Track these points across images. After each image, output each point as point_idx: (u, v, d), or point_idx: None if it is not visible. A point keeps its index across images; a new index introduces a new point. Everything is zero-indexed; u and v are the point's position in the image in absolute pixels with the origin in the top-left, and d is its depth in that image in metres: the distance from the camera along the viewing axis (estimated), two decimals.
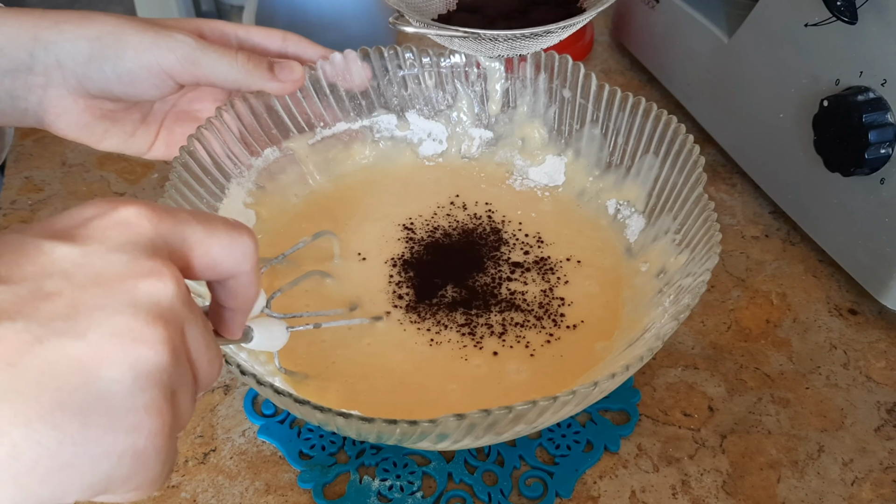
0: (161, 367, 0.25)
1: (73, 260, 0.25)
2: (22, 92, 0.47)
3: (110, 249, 0.26)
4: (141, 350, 0.24)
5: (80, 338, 0.23)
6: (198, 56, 0.48)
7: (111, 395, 0.24)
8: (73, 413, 0.23)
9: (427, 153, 0.60)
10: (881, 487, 0.45)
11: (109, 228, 0.26)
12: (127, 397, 0.24)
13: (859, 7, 0.48)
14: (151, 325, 0.25)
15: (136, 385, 0.24)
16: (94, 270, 0.25)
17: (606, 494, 0.45)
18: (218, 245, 0.29)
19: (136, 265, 0.26)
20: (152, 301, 0.25)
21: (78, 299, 0.24)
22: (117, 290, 0.25)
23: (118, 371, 0.24)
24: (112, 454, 0.24)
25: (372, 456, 0.46)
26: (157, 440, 0.25)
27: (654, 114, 0.51)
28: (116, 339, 0.24)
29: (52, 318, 0.23)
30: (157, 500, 0.44)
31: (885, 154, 0.49)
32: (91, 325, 0.24)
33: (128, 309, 0.24)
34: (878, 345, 0.53)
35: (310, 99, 0.56)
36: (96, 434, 0.23)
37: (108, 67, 0.47)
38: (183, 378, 0.26)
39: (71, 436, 0.23)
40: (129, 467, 0.24)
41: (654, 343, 0.38)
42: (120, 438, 0.24)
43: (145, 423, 0.24)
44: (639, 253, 0.51)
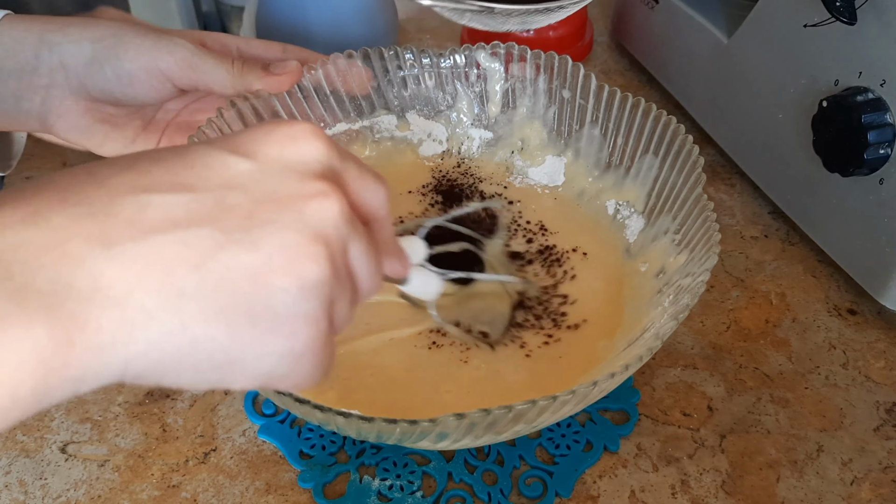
0: (322, 281, 0.27)
1: (251, 176, 0.27)
2: (26, 93, 0.48)
3: (284, 168, 0.28)
4: (306, 265, 0.26)
5: (254, 249, 0.26)
6: (196, 60, 0.49)
7: (277, 302, 0.26)
8: (245, 316, 0.26)
9: (427, 153, 0.60)
10: (880, 487, 0.45)
11: (286, 146, 0.29)
12: (291, 305, 0.26)
13: (858, 8, 0.48)
14: (316, 243, 0.27)
15: (300, 295, 0.26)
16: (269, 187, 0.27)
17: (606, 494, 0.45)
18: (365, 185, 0.31)
19: (306, 185, 0.28)
20: (318, 220, 0.27)
21: (254, 213, 0.26)
22: (288, 207, 0.27)
23: (285, 281, 0.26)
24: (274, 354, 0.27)
25: (372, 455, 0.46)
26: (314, 344, 0.27)
27: (654, 114, 0.52)
28: (285, 253, 0.26)
29: (233, 228, 0.26)
30: (157, 499, 0.44)
31: (885, 154, 0.49)
32: (264, 237, 0.26)
33: (297, 225, 0.27)
34: (878, 345, 0.53)
35: (310, 100, 0.56)
36: (262, 336, 0.26)
37: (108, 68, 0.48)
38: (342, 291, 0.29)
39: (241, 335, 0.26)
40: (288, 366, 0.27)
41: (654, 343, 0.38)
42: (281, 341, 0.27)
43: (304, 330, 0.27)
44: (638, 253, 0.52)
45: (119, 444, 0.47)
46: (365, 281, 0.30)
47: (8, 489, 0.45)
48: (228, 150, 0.28)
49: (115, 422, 0.48)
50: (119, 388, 0.50)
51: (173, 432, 0.48)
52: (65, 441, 0.47)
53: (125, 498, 0.45)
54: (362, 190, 0.31)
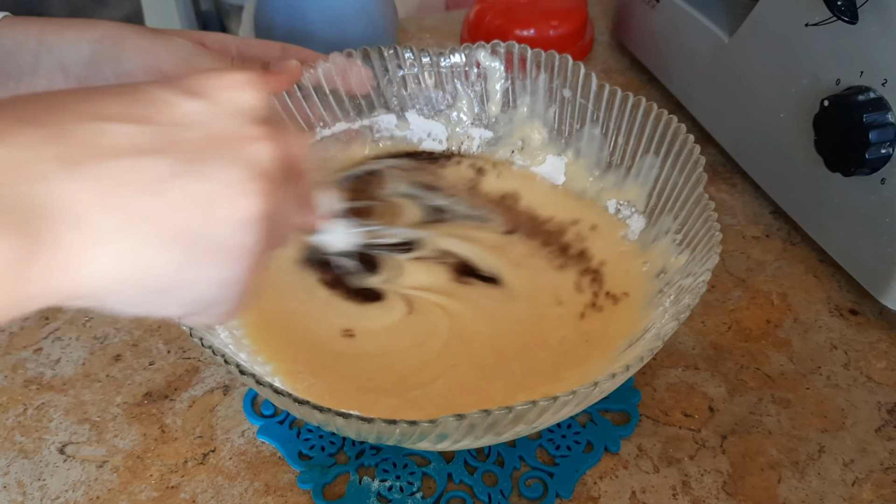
0: (260, 214, 0.28)
1: (200, 115, 0.29)
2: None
3: (232, 111, 0.30)
4: (248, 198, 0.28)
5: (206, 180, 0.27)
6: (195, 60, 0.49)
7: (218, 233, 0.28)
8: (190, 244, 0.27)
9: None
10: (882, 488, 0.45)
11: (228, 91, 0.30)
12: (230, 236, 0.28)
13: (860, 7, 0.48)
14: (258, 180, 0.28)
15: (240, 228, 0.28)
16: (219, 126, 0.29)
17: (607, 495, 0.45)
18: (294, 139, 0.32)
19: (252, 128, 0.30)
20: (259, 159, 0.29)
21: (205, 148, 0.28)
22: (236, 146, 0.29)
23: (228, 213, 0.28)
24: (210, 280, 0.28)
25: (372, 456, 0.46)
26: (244, 275, 0.29)
27: (655, 114, 0.51)
28: (230, 186, 0.28)
29: (187, 160, 0.27)
30: (156, 500, 0.44)
31: (886, 154, 0.49)
32: (214, 170, 0.28)
33: (241, 162, 0.28)
34: (879, 345, 0.53)
35: (309, 99, 0.56)
36: (203, 263, 0.28)
37: (107, 69, 0.48)
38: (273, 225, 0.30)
39: (185, 262, 0.27)
40: (217, 293, 0.29)
41: (655, 343, 0.38)
42: (216, 269, 0.28)
43: (238, 261, 0.29)
44: (639, 253, 0.51)
45: (118, 444, 0.47)
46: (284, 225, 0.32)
47: (6, 490, 0.45)
48: (176, 90, 0.29)
49: (113, 422, 0.48)
50: (118, 388, 0.50)
51: (172, 433, 0.48)
52: (63, 442, 0.47)
53: (124, 499, 0.44)
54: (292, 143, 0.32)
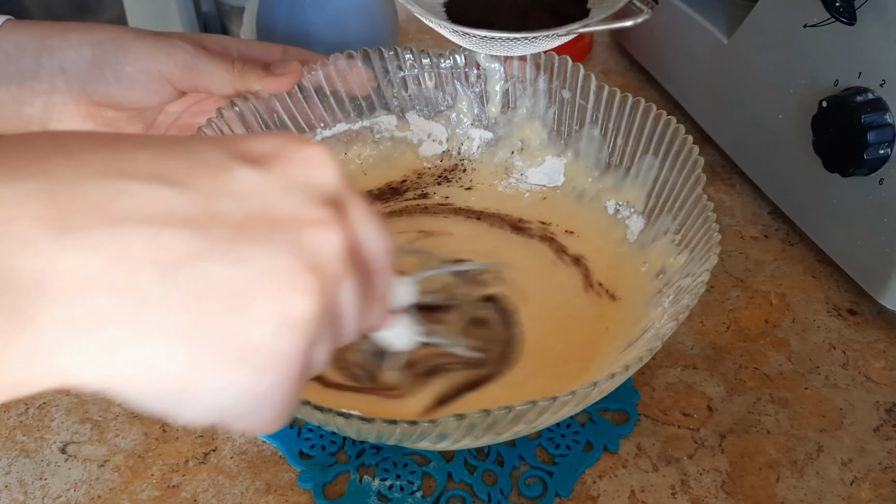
0: (309, 318, 0.23)
1: (251, 185, 0.24)
2: (28, 98, 0.48)
3: (289, 185, 0.25)
4: (294, 295, 0.23)
5: (238, 265, 0.22)
6: (196, 62, 0.49)
7: (251, 333, 0.23)
8: (211, 341, 0.22)
9: (427, 154, 0.60)
10: (880, 487, 0.45)
11: (295, 163, 0.25)
12: (267, 339, 0.23)
13: (858, 8, 0.48)
14: (310, 274, 0.23)
15: (280, 330, 0.23)
16: (268, 201, 0.24)
17: (606, 494, 0.45)
18: (370, 229, 0.27)
19: (311, 209, 0.24)
20: (317, 249, 0.24)
21: (246, 226, 0.23)
22: (286, 228, 0.24)
23: (267, 310, 0.23)
24: (233, 390, 0.23)
25: (372, 456, 0.46)
26: (282, 387, 0.24)
27: (654, 114, 0.52)
28: (273, 278, 0.23)
29: (217, 238, 0.22)
30: (157, 500, 0.44)
31: (884, 154, 0.49)
32: (251, 256, 0.23)
33: (291, 249, 0.23)
34: (877, 345, 0.53)
35: (310, 100, 0.56)
36: (225, 367, 0.22)
37: (108, 72, 0.48)
38: (326, 332, 0.25)
39: (202, 362, 0.22)
40: (245, 406, 0.23)
41: (654, 343, 0.38)
42: (246, 377, 0.23)
43: (275, 370, 0.23)
44: (638, 253, 0.52)
45: (119, 444, 0.47)
46: (349, 326, 0.27)
47: (8, 489, 0.45)
48: (231, 153, 0.25)
49: (115, 422, 0.48)
50: None
51: (173, 432, 0.48)
52: (65, 441, 0.47)
53: (125, 498, 0.45)
54: (366, 232, 0.27)
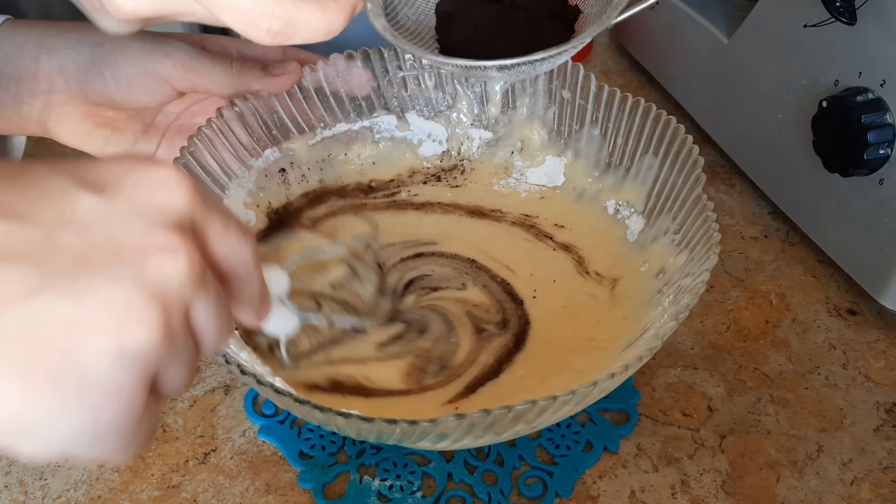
0: (149, 348, 0.24)
1: (94, 214, 0.24)
2: (27, 98, 0.48)
3: (134, 212, 0.25)
4: (132, 327, 0.23)
5: (75, 299, 0.22)
6: (195, 62, 0.49)
7: (89, 367, 0.23)
8: (47, 377, 0.22)
9: (427, 154, 0.60)
10: (880, 487, 0.45)
11: (142, 187, 0.25)
12: (104, 373, 0.23)
13: (858, 8, 0.48)
14: (150, 304, 0.23)
15: (117, 363, 0.23)
16: (111, 230, 0.24)
17: (606, 494, 0.45)
18: (228, 240, 0.28)
19: (155, 235, 0.24)
20: (159, 277, 0.24)
21: (85, 257, 0.23)
22: (128, 256, 0.24)
23: (103, 344, 0.23)
24: (73, 426, 0.23)
25: (372, 456, 0.46)
26: (121, 421, 0.24)
27: (654, 114, 0.52)
28: (111, 310, 0.23)
29: (55, 270, 0.22)
30: (157, 500, 0.44)
31: (884, 154, 0.49)
32: (90, 288, 0.23)
33: (132, 280, 0.23)
34: (877, 345, 0.53)
35: (310, 100, 0.56)
36: (62, 403, 0.22)
37: (107, 72, 0.48)
38: (176, 357, 0.25)
39: (38, 399, 0.22)
40: (87, 442, 0.24)
41: (654, 343, 0.38)
42: (84, 413, 0.23)
43: (113, 403, 0.23)
44: (638, 253, 0.52)
45: None
46: (209, 340, 0.27)
47: (8, 489, 0.45)
48: (74, 180, 0.24)
49: None
50: None
51: (173, 432, 0.48)
52: None
53: (125, 498, 0.45)
54: (224, 245, 0.27)
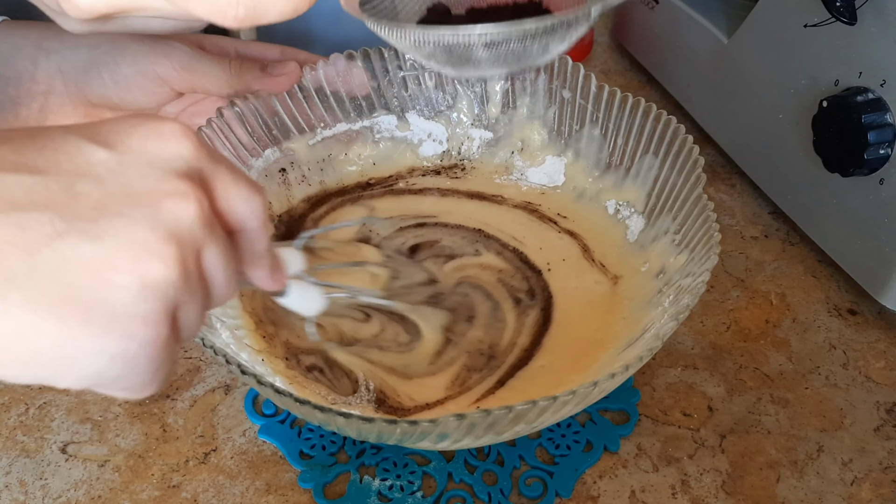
0: (168, 282, 0.25)
1: (107, 166, 0.26)
2: (25, 100, 0.48)
3: (145, 163, 0.27)
4: (152, 263, 0.25)
5: (97, 241, 0.24)
6: (193, 63, 0.49)
7: (114, 299, 0.25)
8: (78, 310, 0.24)
9: (427, 154, 0.60)
10: (880, 487, 0.45)
11: (150, 140, 0.27)
12: (129, 304, 0.25)
13: (858, 8, 0.48)
14: (167, 243, 0.25)
15: (140, 295, 0.25)
16: (125, 180, 0.26)
17: (606, 494, 0.45)
18: (237, 193, 0.29)
19: (165, 183, 0.26)
20: (173, 219, 0.26)
21: (103, 204, 0.25)
22: (143, 203, 0.26)
23: (126, 279, 0.25)
24: (105, 354, 0.25)
25: (372, 456, 0.46)
26: (149, 349, 0.26)
27: (654, 114, 0.52)
28: (131, 249, 0.25)
29: (76, 216, 0.24)
30: (157, 499, 0.44)
31: (885, 154, 0.49)
32: (110, 230, 0.25)
33: (148, 222, 0.25)
34: (878, 345, 0.53)
35: (310, 100, 0.56)
36: (95, 333, 0.24)
37: (105, 73, 0.48)
38: (191, 296, 0.27)
39: (72, 330, 0.24)
40: (119, 369, 0.25)
41: (654, 343, 0.38)
42: (115, 341, 0.25)
43: (140, 332, 0.25)
44: (638, 253, 0.52)
45: (119, 444, 0.47)
46: (218, 288, 0.29)
47: (8, 489, 0.45)
48: (86, 137, 0.27)
49: (115, 422, 0.48)
50: None
51: (173, 432, 0.48)
52: (65, 441, 0.47)
53: (125, 498, 0.45)
54: (232, 197, 0.29)
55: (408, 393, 0.46)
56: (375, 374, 0.46)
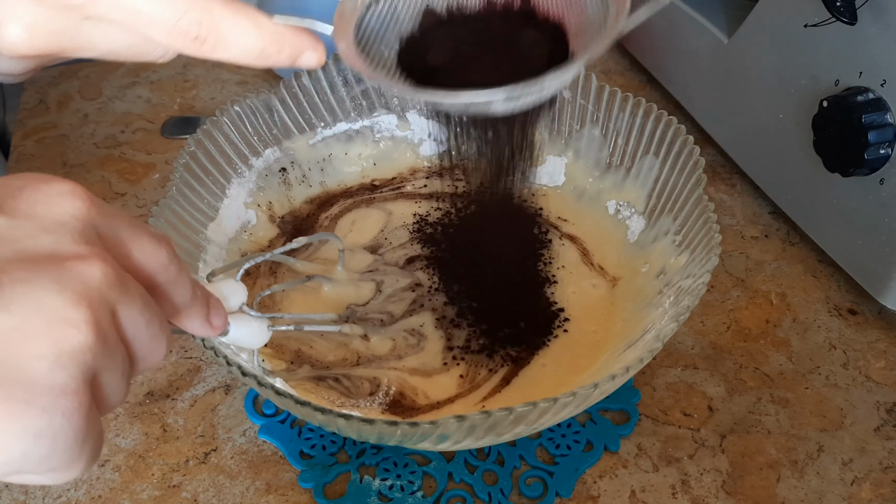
0: (84, 348, 0.24)
1: (6, 231, 0.24)
2: None
3: (37, 227, 0.25)
4: (65, 329, 0.24)
5: (4, 311, 0.23)
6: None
7: (32, 371, 0.23)
8: None
9: (427, 153, 0.60)
10: (881, 487, 0.45)
11: (40, 203, 0.25)
12: (48, 374, 0.23)
13: (859, 8, 0.48)
14: (77, 306, 0.24)
15: (58, 364, 0.23)
16: (19, 246, 0.24)
17: (606, 494, 0.45)
18: (140, 248, 0.28)
19: (62, 246, 0.25)
20: (79, 282, 0.24)
21: (3, 271, 0.23)
22: (42, 267, 0.24)
23: (40, 348, 0.23)
24: (29, 431, 0.23)
25: (372, 456, 0.46)
26: (73, 421, 0.24)
27: (655, 114, 0.52)
28: (41, 316, 0.23)
29: None
30: (157, 499, 0.44)
31: (885, 154, 0.49)
32: (15, 298, 0.23)
33: (53, 286, 0.24)
34: (878, 345, 0.53)
35: (310, 99, 0.56)
36: (17, 409, 0.23)
37: None
38: (111, 360, 0.26)
39: None
40: (46, 447, 0.24)
41: (654, 344, 0.38)
42: (37, 416, 0.23)
43: (62, 403, 0.24)
44: (639, 254, 0.52)
45: (119, 444, 0.47)
46: (142, 349, 0.27)
47: (8, 489, 0.45)
48: None
49: (115, 422, 0.48)
50: None
51: (174, 432, 0.48)
52: None
53: (125, 498, 0.45)
54: (135, 252, 0.27)
55: (425, 391, 0.46)
56: (400, 377, 0.47)
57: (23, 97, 0.75)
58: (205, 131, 0.50)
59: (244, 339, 0.39)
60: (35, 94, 0.75)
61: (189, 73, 0.78)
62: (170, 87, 0.76)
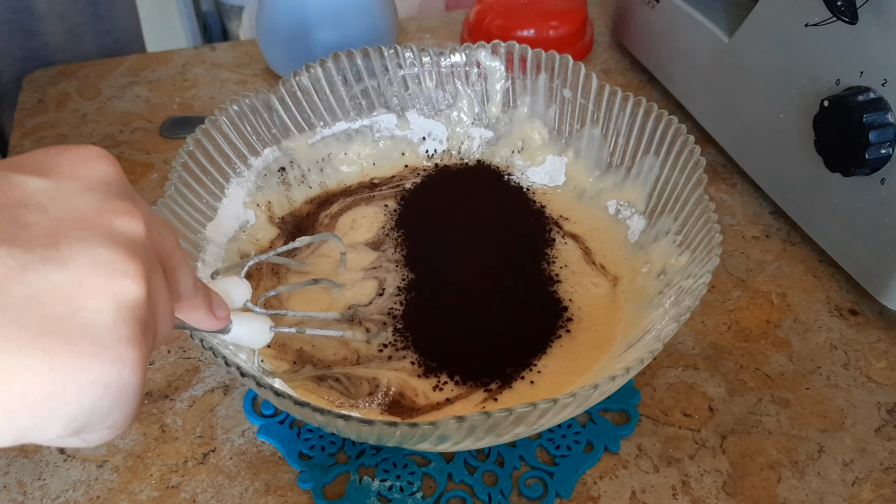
0: (140, 300, 0.25)
1: (47, 193, 0.25)
2: None
3: (82, 186, 0.26)
4: (123, 282, 0.24)
5: (63, 267, 0.23)
6: None
7: (96, 324, 0.23)
8: (63, 340, 0.23)
9: (427, 153, 0.60)
10: (881, 488, 0.45)
11: (81, 165, 0.27)
12: (112, 327, 0.24)
13: (859, 7, 0.48)
14: (131, 259, 0.25)
15: (120, 316, 0.24)
16: (68, 204, 0.25)
17: (606, 495, 0.45)
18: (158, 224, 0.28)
19: (109, 203, 0.26)
20: (128, 237, 0.25)
21: (57, 230, 0.24)
22: (94, 223, 0.25)
23: (102, 301, 0.24)
24: (99, 383, 0.24)
25: (372, 456, 0.46)
26: (139, 372, 0.25)
27: (655, 114, 0.51)
28: (99, 270, 0.24)
29: (34, 245, 0.23)
30: (156, 500, 0.44)
31: (886, 154, 0.49)
32: (73, 255, 0.24)
33: (108, 241, 0.24)
34: (879, 345, 0.53)
35: (310, 98, 0.56)
36: (85, 362, 0.23)
37: None
38: (152, 318, 0.26)
39: (61, 363, 0.23)
40: (112, 399, 0.24)
41: (655, 345, 0.38)
42: (107, 368, 0.24)
43: (129, 355, 0.24)
44: (639, 254, 0.51)
45: (118, 444, 0.47)
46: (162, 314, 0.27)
47: (7, 490, 0.45)
48: (14, 170, 0.25)
49: None
50: None
51: (172, 433, 0.48)
52: None
53: (124, 498, 0.44)
54: (156, 227, 0.28)
55: (424, 391, 0.46)
56: (400, 378, 0.46)
57: (21, 96, 0.75)
58: (203, 131, 0.50)
59: (246, 338, 0.39)
60: (34, 94, 0.75)
61: (188, 73, 0.78)
62: (169, 87, 0.76)
